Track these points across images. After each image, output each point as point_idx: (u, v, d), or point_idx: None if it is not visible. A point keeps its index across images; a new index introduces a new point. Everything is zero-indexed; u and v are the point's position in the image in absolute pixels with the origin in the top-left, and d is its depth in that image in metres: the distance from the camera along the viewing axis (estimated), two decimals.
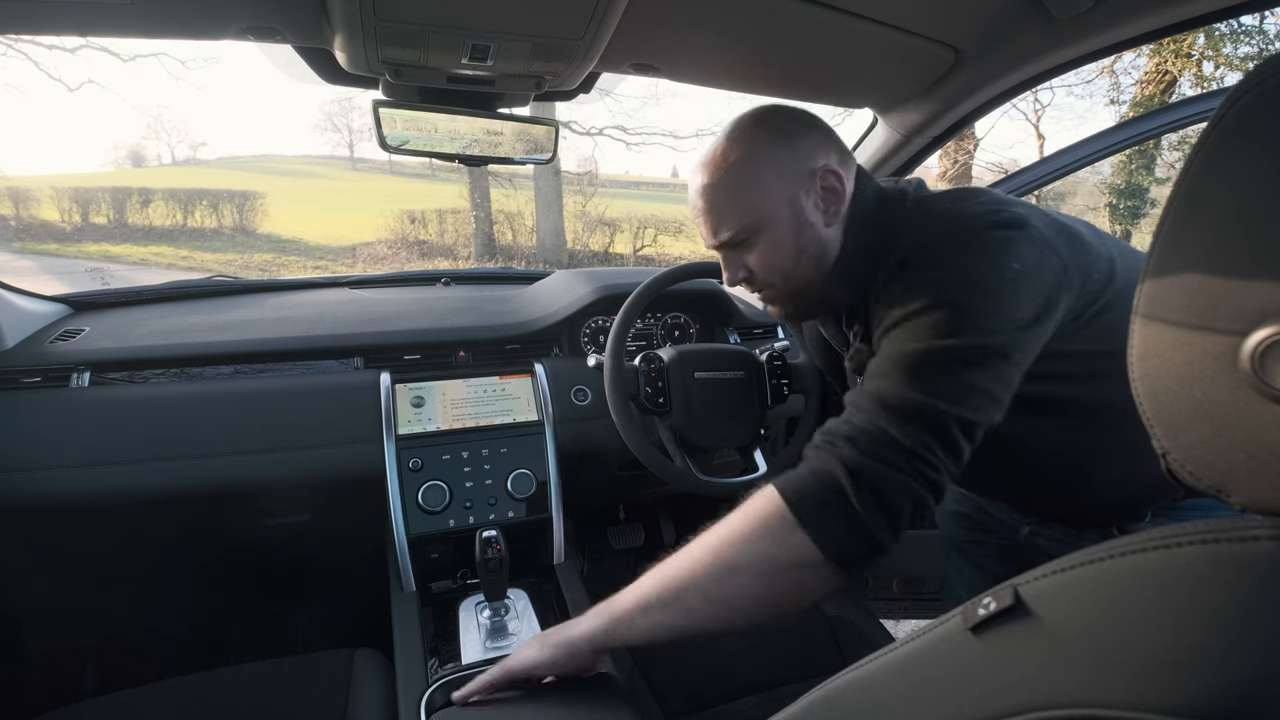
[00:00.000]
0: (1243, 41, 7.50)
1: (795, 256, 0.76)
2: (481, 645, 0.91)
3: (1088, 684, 0.26)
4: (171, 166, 26.03)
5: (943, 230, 0.69)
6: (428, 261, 9.41)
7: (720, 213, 0.76)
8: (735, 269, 0.80)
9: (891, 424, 0.60)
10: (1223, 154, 0.27)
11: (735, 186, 0.74)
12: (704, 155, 0.77)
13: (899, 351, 0.63)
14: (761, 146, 0.74)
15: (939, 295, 0.63)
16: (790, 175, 0.74)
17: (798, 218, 0.74)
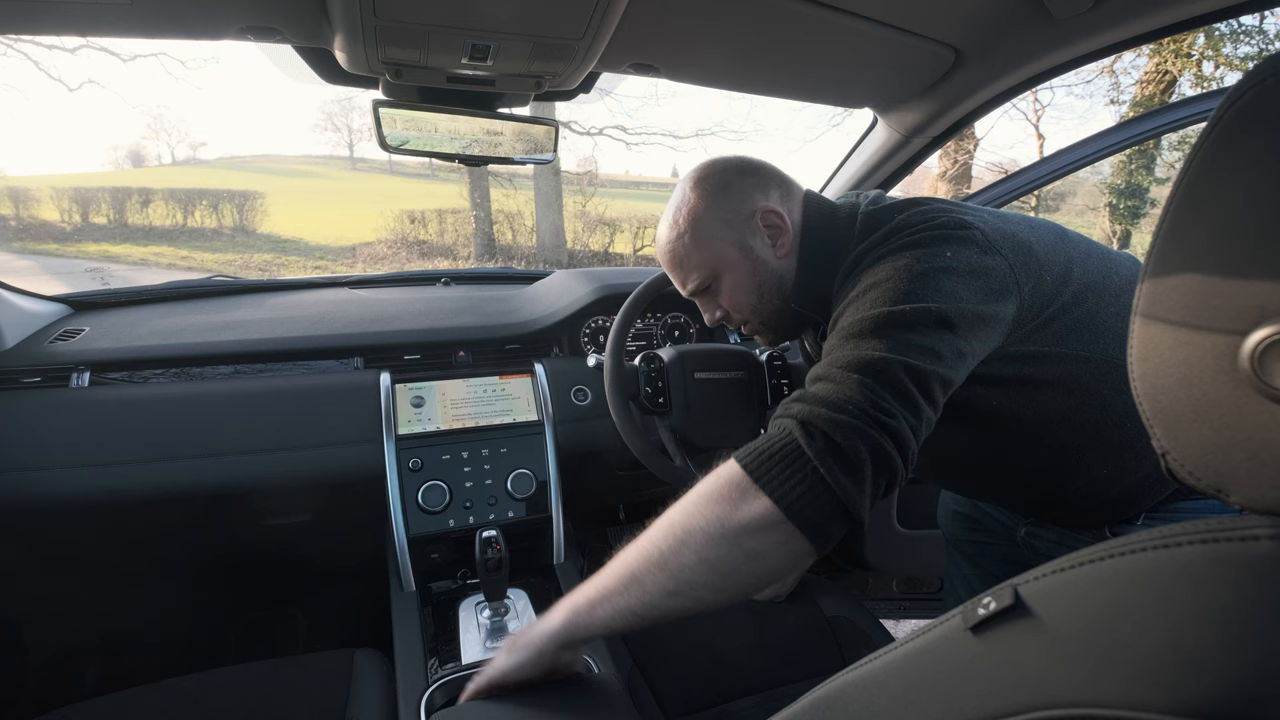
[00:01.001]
0: (1243, 41, 7.50)
1: (757, 292, 0.83)
2: (481, 645, 0.91)
3: (1088, 684, 0.26)
4: (171, 166, 26.03)
5: (885, 234, 0.73)
6: (428, 261, 9.41)
7: (683, 266, 0.84)
8: (711, 311, 0.88)
9: (840, 381, 0.59)
10: (1222, 153, 0.27)
11: (690, 242, 0.83)
12: (664, 216, 0.86)
13: (842, 328, 0.65)
14: (702, 203, 0.82)
15: (877, 278, 0.66)
16: (733, 222, 0.81)
17: (749, 258, 0.82)
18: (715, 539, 0.55)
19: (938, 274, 0.64)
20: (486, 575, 0.91)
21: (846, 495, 0.54)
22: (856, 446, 0.55)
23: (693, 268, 0.84)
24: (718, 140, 23.99)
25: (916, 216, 0.72)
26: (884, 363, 0.58)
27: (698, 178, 0.84)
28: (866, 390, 0.57)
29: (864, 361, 0.59)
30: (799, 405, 0.60)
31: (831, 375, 0.61)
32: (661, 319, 1.41)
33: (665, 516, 0.60)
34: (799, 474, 0.55)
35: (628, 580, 0.59)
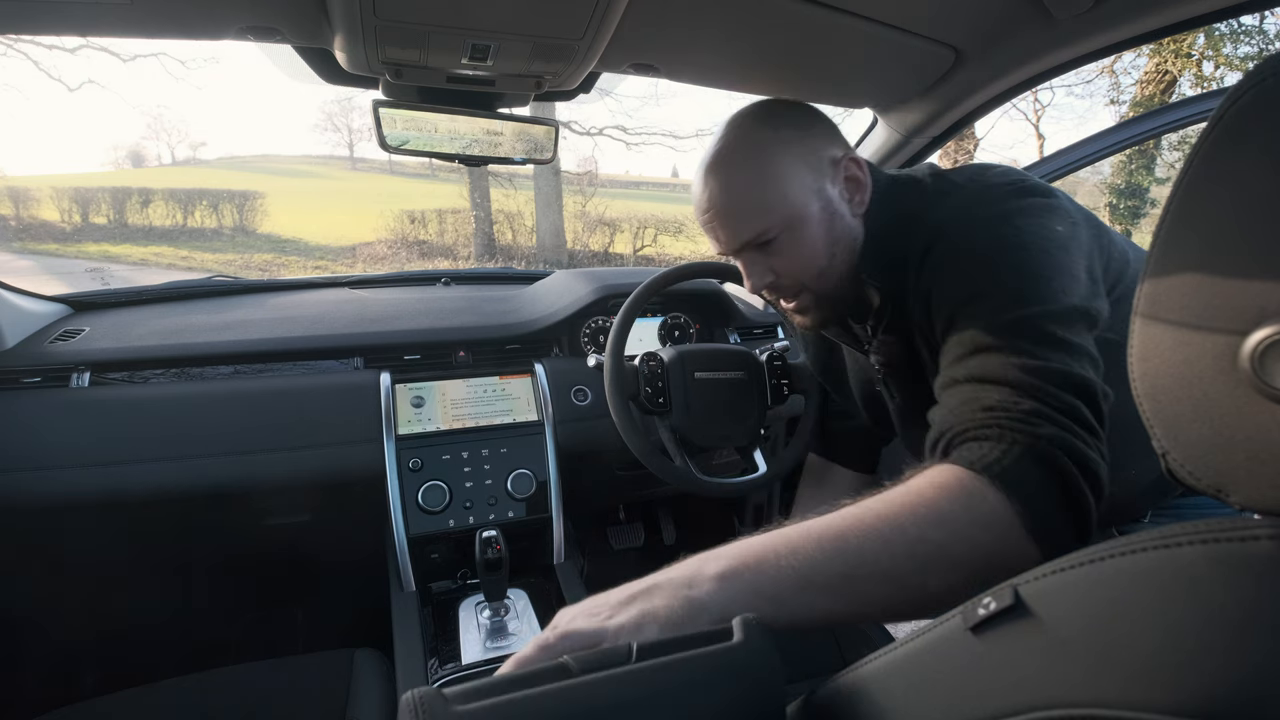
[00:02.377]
0: (1243, 41, 7.50)
1: (829, 252, 0.71)
2: (481, 645, 0.91)
3: (1087, 683, 0.26)
4: (171, 166, 26.03)
5: (975, 200, 0.65)
6: (428, 261, 9.41)
7: (743, 212, 0.71)
8: (762, 273, 0.74)
9: (1033, 390, 0.53)
10: (1222, 154, 0.27)
11: (759, 182, 0.69)
12: (713, 155, 0.73)
13: (990, 325, 0.58)
14: (777, 138, 0.70)
15: (1000, 264, 0.59)
16: (815, 166, 0.70)
17: (827, 210, 0.70)
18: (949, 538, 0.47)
19: (1051, 251, 0.59)
20: (486, 575, 0.91)
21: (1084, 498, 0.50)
22: (1085, 454, 0.51)
23: (758, 213, 0.70)
24: None
25: (996, 178, 0.67)
26: (1058, 372, 0.53)
27: (764, 113, 0.72)
28: (1059, 400, 0.53)
29: (1040, 370, 0.54)
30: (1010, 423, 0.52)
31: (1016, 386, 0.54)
32: (662, 319, 1.41)
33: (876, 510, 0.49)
34: (1037, 482, 0.49)
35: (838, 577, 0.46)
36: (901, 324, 0.73)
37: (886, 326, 0.75)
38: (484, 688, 0.33)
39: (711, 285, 1.40)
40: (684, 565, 0.47)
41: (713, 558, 0.47)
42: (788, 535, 0.49)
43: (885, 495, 0.51)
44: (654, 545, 1.68)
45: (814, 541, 0.48)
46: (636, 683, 0.34)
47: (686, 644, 0.36)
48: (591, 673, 0.34)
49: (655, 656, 0.35)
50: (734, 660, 0.36)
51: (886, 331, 0.76)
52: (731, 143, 0.72)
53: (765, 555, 0.47)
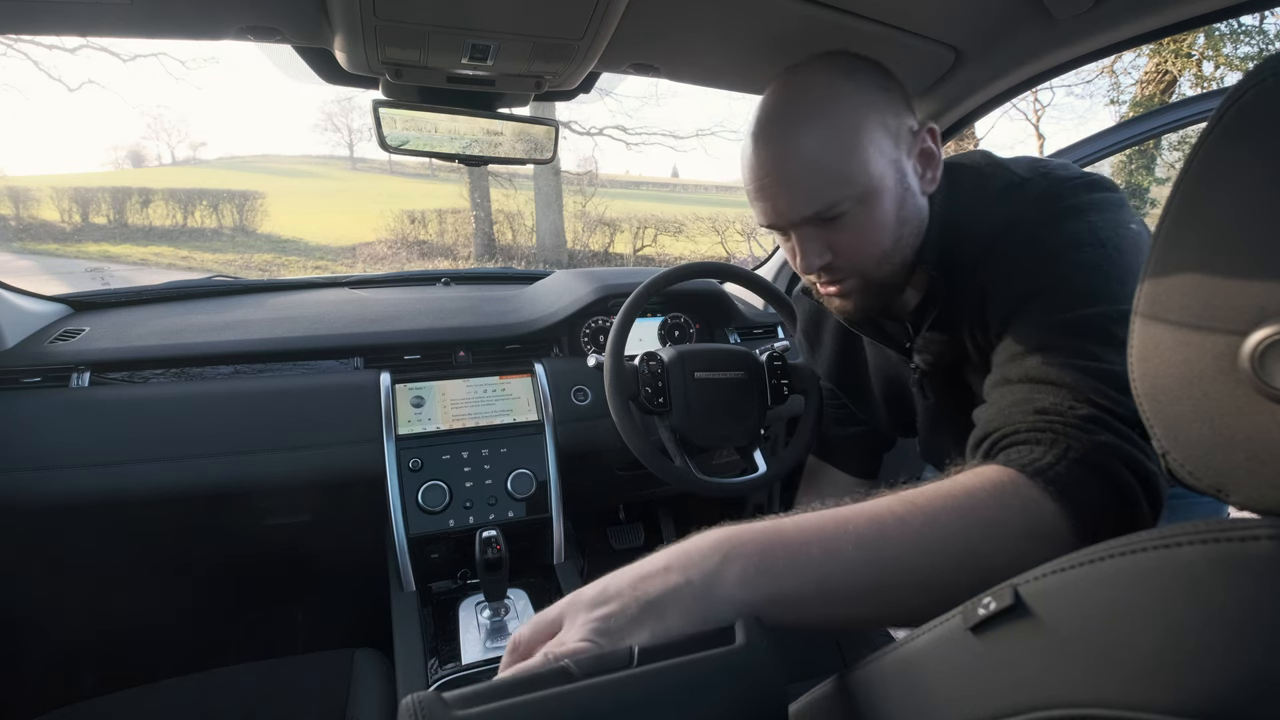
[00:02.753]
0: (1243, 41, 7.50)
1: (897, 232, 0.64)
2: (481, 645, 0.91)
3: (1087, 683, 0.26)
4: (171, 166, 26.04)
5: (1045, 194, 0.61)
6: (428, 261, 9.41)
7: (815, 179, 0.61)
8: (819, 251, 0.65)
9: (1094, 395, 0.50)
10: (1222, 154, 0.27)
11: (839, 145, 0.61)
12: (783, 106, 0.63)
13: (1051, 323, 0.55)
14: (866, 98, 0.61)
15: (1070, 257, 0.56)
16: (896, 133, 0.63)
17: (901, 185, 0.63)
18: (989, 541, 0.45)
19: (1124, 248, 0.57)
20: (486, 575, 0.91)
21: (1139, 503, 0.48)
22: (1142, 463, 0.49)
23: (834, 183, 0.61)
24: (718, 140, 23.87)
25: (1061, 170, 0.63)
26: (1118, 376, 0.50)
27: (845, 65, 0.63)
28: (1119, 405, 0.50)
29: (1104, 373, 0.51)
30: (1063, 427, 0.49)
31: (1076, 390, 0.51)
32: (662, 318, 1.41)
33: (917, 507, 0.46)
34: (1092, 487, 0.47)
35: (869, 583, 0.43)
36: (950, 320, 0.69)
37: (934, 322, 0.70)
38: (484, 692, 0.33)
39: (711, 285, 1.40)
40: (703, 556, 0.42)
41: (737, 553, 0.41)
42: (823, 530, 0.44)
43: (931, 494, 0.46)
44: (654, 545, 1.66)
45: (851, 541, 0.43)
46: (638, 687, 0.34)
47: (688, 647, 0.36)
48: (593, 677, 0.34)
49: (657, 660, 0.35)
50: (736, 663, 0.36)
51: (933, 328, 0.71)
52: (808, 94, 0.62)
53: (797, 556, 0.42)
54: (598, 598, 0.41)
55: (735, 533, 0.43)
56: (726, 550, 0.42)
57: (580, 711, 0.32)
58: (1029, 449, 0.50)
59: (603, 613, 0.40)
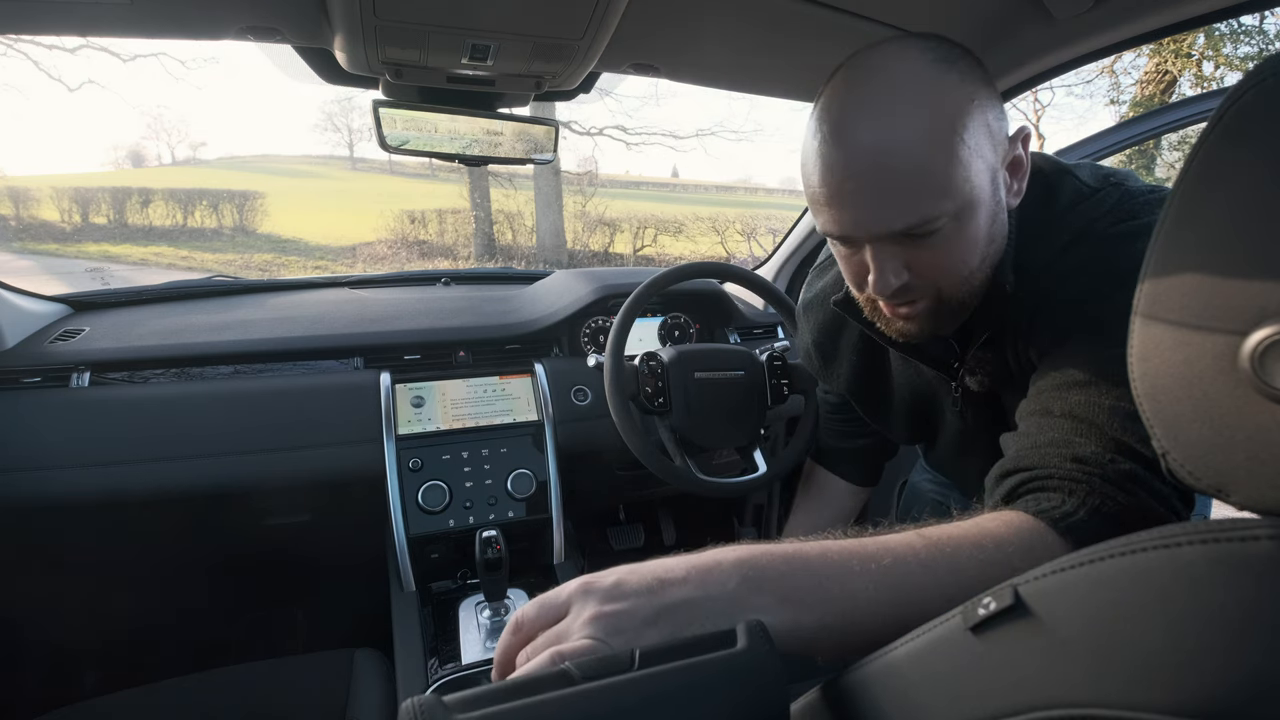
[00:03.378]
0: (1243, 41, 7.51)
1: (984, 250, 0.57)
2: (481, 645, 0.91)
3: (1087, 684, 0.26)
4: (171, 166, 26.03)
5: (1119, 208, 0.57)
6: (428, 261, 9.40)
7: (914, 188, 0.52)
8: (897, 270, 0.57)
9: (1138, 447, 0.48)
10: (1222, 154, 0.27)
11: (945, 150, 0.52)
12: (866, 102, 0.53)
13: (1107, 357, 0.51)
14: (970, 95, 0.53)
15: (1129, 292, 0.54)
16: (996, 139, 0.55)
17: (995, 197, 0.56)
18: None
19: None
20: (486, 575, 0.91)
21: None
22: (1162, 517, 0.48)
23: (934, 195, 0.52)
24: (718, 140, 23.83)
25: (1131, 180, 0.59)
26: None
27: (946, 53, 0.54)
28: None
29: None
30: (1105, 485, 0.48)
31: (1125, 441, 0.49)
32: (662, 319, 1.40)
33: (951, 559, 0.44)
34: None
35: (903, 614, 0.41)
36: (999, 337, 0.64)
37: (986, 340, 0.65)
38: (484, 695, 0.33)
39: (711, 285, 1.40)
40: (725, 575, 0.40)
41: (759, 578, 0.40)
42: (846, 567, 0.42)
43: (958, 538, 0.45)
44: (654, 545, 1.68)
45: (874, 581, 0.42)
46: (639, 690, 0.34)
47: (689, 650, 0.36)
48: (593, 680, 0.34)
49: (658, 663, 0.35)
50: (738, 666, 0.35)
51: (984, 347, 0.65)
52: (906, 83, 0.52)
53: (818, 591, 0.41)
54: (611, 592, 0.40)
55: (758, 556, 0.42)
56: (748, 573, 0.41)
57: (580, 716, 0.32)
58: (1060, 498, 0.47)
59: (614, 609, 0.39)
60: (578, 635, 0.38)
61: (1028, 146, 0.59)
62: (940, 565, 0.43)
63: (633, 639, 0.38)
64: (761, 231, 9.78)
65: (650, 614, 0.39)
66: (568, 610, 0.40)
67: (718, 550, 0.43)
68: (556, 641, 0.39)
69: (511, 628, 0.42)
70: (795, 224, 1.50)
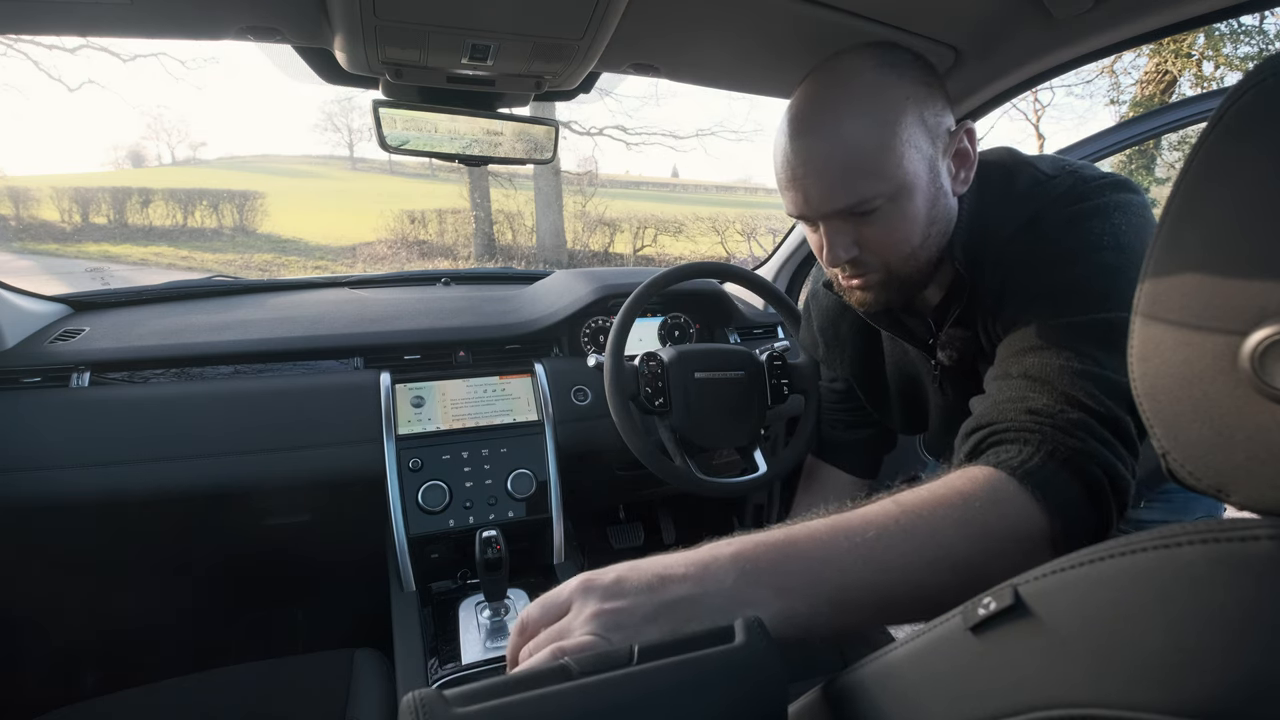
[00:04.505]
0: (1243, 41, 7.51)
1: (925, 230, 0.65)
2: (481, 645, 0.91)
3: (1087, 684, 0.26)
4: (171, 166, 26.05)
5: (1072, 192, 0.62)
6: (428, 261, 9.41)
7: (850, 173, 0.61)
8: (846, 245, 0.65)
9: (1086, 400, 0.52)
10: (1222, 154, 0.27)
11: (878, 140, 0.60)
12: (823, 95, 0.63)
13: (1059, 325, 0.56)
14: (907, 93, 0.61)
15: (1088, 259, 0.57)
16: (934, 133, 0.63)
17: (934, 184, 0.64)
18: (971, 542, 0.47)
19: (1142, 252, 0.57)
20: (486, 575, 0.91)
21: (1109, 509, 0.51)
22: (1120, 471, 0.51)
23: (868, 178, 0.61)
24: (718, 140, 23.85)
25: (1088, 171, 0.64)
26: (1118, 384, 0.52)
27: (889, 56, 0.63)
28: (1110, 414, 0.52)
29: (1103, 381, 0.53)
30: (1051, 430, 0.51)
31: (1076, 393, 0.53)
32: (662, 319, 1.40)
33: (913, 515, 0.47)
34: (1068, 491, 0.50)
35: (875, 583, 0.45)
36: (971, 315, 0.70)
37: (957, 319, 0.71)
38: (484, 690, 0.33)
39: (711, 285, 1.40)
40: (722, 571, 0.42)
41: (753, 570, 0.43)
42: (833, 546, 0.45)
43: (931, 501, 0.48)
44: (654, 545, 1.68)
45: (862, 558, 0.45)
46: (638, 685, 0.34)
47: (688, 645, 0.36)
48: (592, 675, 0.34)
49: (656, 658, 0.35)
50: (736, 661, 0.36)
51: (955, 324, 0.72)
52: (848, 84, 0.62)
53: (808, 575, 0.44)
54: (611, 589, 0.42)
55: (751, 549, 0.44)
56: (744, 567, 0.43)
57: (580, 710, 0.33)
58: (1017, 449, 0.52)
59: (615, 606, 0.41)
60: (579, 632, 0.39)
61: (973, 139, 0.66)
62: (920, 530, 0.46)
63: (633, 635, 0.39)
64: (761, 231, 9.78)
65: (650, 611, 0.41)
66: (569, 608, 0.42)
67: (714, 545, 0.45)
68: (558, 638, 0.40)
69: (517, 629, 0.44)
70: (795, 224, 1.50)
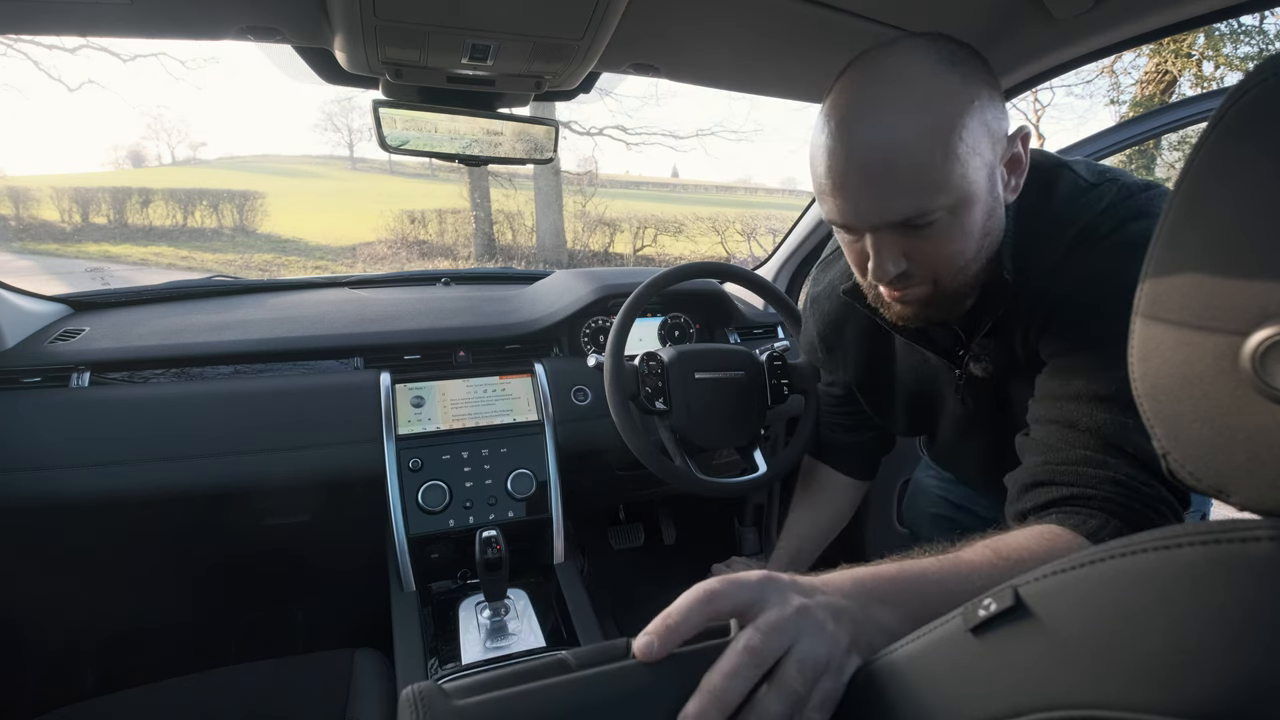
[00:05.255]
0: (1243, 41, 7.50)
1: (979, 243, 0.60)
2: (481, 645, 0.91)
3: (1088, 685, 0.26)
4: (171, 166, 26.03)
5: (1121, 203, 0.59)
6: (428, 261, 9.40)
7: (911, 180, 0.55)
8: (896, 259, 0.60)
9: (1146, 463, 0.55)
10: (1223, 154, 0.27)
11: (943, 146, 0.54)
12: (871, 97, 0.56)
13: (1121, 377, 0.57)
14: (971, 95, 0.55)
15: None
16: (995, 138, 0.58)
17: (993, 193, 0.59)
18: None
19: None
20: (486, 575, 0.91)
21: None
22: None
23: (930, 187, 0.55)
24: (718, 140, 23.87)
25: (1126, 176, 0.61)
26: None
27: (950, 53, 0.56)
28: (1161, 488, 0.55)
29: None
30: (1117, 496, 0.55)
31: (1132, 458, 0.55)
32: (662, 319, 1.40)
33: None
34: None
35: None
36: (1009, 326, 0.66)
37: (992, 328, 0.68)
38: (483, 683, 0.33)
39: (711, 285, 1.40)
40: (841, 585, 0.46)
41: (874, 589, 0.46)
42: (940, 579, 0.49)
43: (1024, 553, 0.51)
44: (654, 545, 1.68)
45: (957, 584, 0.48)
46: (635, 678, 0.34)
47: None
48: (590, 668, 0.34)
49: None
50: None
51: (990, 335, 0.68)
52: (908, 81, 0.55)
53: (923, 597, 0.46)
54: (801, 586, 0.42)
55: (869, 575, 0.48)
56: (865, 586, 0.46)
57: (578, 702, 0.33)
58: (1103, 518, 0.55)
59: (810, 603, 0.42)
60: None
61: (1027, 145, 0.61)
62: None
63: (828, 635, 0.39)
64: (761, 231, 9.78)
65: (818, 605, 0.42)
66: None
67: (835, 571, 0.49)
68: None
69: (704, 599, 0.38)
70: (795, 224, 1.50)
